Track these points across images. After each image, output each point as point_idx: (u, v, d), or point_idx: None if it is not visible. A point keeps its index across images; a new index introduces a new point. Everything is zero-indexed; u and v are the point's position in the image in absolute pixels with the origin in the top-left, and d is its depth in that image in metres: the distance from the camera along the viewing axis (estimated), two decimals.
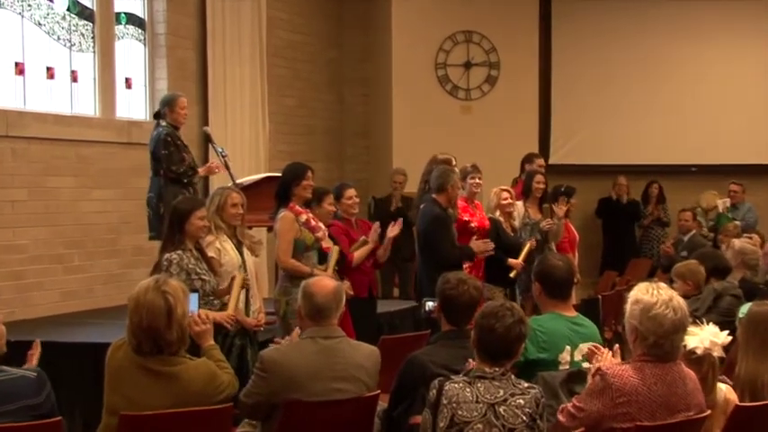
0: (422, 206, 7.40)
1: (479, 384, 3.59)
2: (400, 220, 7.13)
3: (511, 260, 7.58)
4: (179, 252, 5.39)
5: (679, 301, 3.57)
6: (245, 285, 5.63)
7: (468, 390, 3.57)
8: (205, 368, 3.80)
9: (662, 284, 3.62)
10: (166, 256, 5.38)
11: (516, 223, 8.03)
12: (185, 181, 7.20)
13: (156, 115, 7.43)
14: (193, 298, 4.10)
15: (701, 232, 10.66)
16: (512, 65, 12.32)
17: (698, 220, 11.00)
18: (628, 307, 3.59)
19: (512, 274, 7.54)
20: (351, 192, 7.03)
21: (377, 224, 7.01)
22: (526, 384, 3.67)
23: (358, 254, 6.84)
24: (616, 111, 12.61)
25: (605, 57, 12.59)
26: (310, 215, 6.31)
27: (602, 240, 12.50)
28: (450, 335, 4.25)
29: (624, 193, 12.37)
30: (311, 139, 11.64)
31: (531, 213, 8.27)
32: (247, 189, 6.82)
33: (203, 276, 5.46)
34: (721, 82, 12.60)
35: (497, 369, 3.62)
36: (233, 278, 5.58)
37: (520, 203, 8.23)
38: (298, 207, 6.23)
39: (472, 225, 7.46)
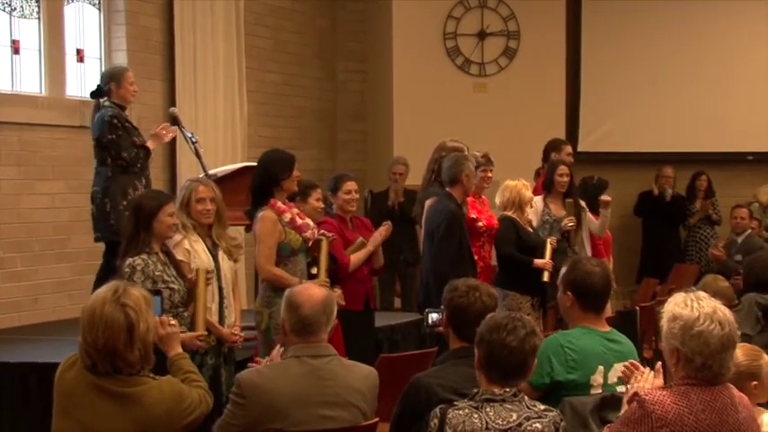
0: (428, 201, 7.40)
1: (488, 409, 3.59)
2: (389, 223, 7.11)
3: (537, 260, 7.59)
4: (143, 257, 5.40)
5: (724, 312, 3.54)
6: (209, 282, 5.63)
7: (475, 416, 3.57)
8: (169, 388, 3.80)
9: (701, 294, 3.59)
10: (129, 261, 5.38)
11: (532, 219, 8.03)
12: (138, 167, 7.17)
13: (97, 93, 7.33)
14: (156, 301, 4.11)
15: (758, 233, 10.67)
16: (534, 35, 12.32)
17: (755, 217, 11.00)
18: (664, 325, 3.56)
19: (545, 278, 7.54)
20: (351, 184, 7.02)
21: (388, 224, 7.01)
22: (542, 407, 3.68)
23: (355, 258, 6.84)
24: (656, 88, 12.61)
25: (644, 24, 12.60)
26: (295, 211, 6.29)
27: (640, 242, 12.50)
28: (461, 352, 4.25)
29: (670, 187, 12.35)
30: (297, 123, 11.64)
31: (552, 210, 8.28)
32: (222, 181, 6.82)
33: (171, 284, 5.46)
34: None
35: (508, 390, 3.62)
36: (195, 271, 5.57)
37: (537, 198, 8.23)
38: (280, 204, 6.19)
39: (480, 224, 7.47)
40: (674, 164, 12.41)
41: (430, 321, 4.77)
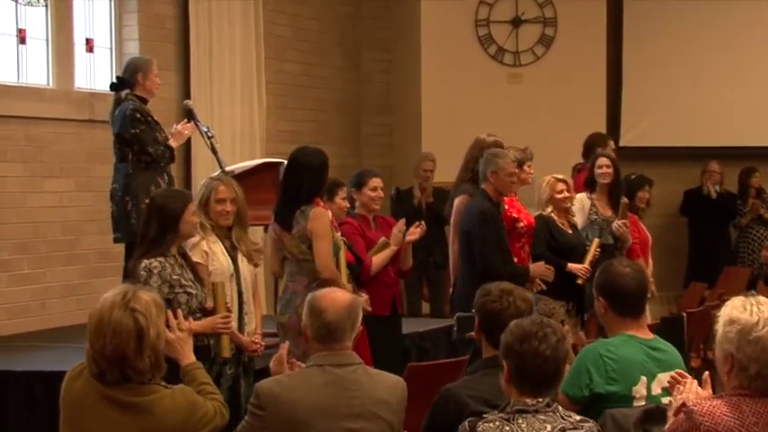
0: (457, 200, 7.40)
1: (520, 421, 3.59)
2: (422, 223, 7.11)
3: (571, 264, 7.56)
4: (160, 259, 5.42)
5: None
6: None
7: (506, 428, 3.57)
8: (183, 397, 3.82)
9: (762, 299, 3.59)
10: (145, 263, 5.40)
11: (577, 220, 7.99)
12: (163, 164, 7.22)
13: (119, 85, 7.38)
14: None
15: None
16: (572, 21, 12.28)
17: None
18: (720, 329, 3.56)
19: (579, 281, 7.53)
20: (376, 181, 7.06)
21: (402, 222, 7.01)
22: (578, 417, 3.68)
23: (377, 259, 6.84)
24: (704, 78, 12.55)
25: (692, 9, 12.53)
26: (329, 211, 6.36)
27: (687, 244, 12.44)
28: (493, 361, 4.24)
29: (717, 183, 12.29)
30: (318, 116, 11.65)
31: (599, 208, 8.23)
32: (239, 178, 6.83)
33: (189, 289, 5.49)
34: None
35: (541, 400, 3.62)
36: (215, 285, 5.59)
37: (581, 196, 8.18)
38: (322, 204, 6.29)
39: (521, 225, 7.45)
40: (720, 159, 12.34)
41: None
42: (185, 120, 7.50)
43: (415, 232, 7.03)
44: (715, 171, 12.30)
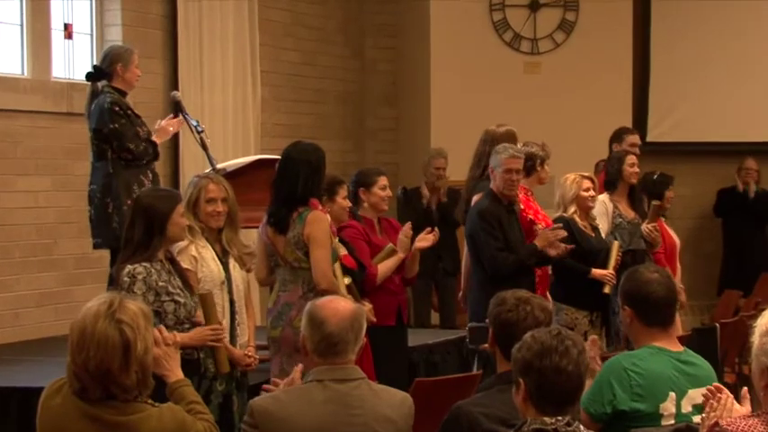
0: (476, 196, 7.42)
1: None
2: (435, 229, 7.14)
3: (596, 270, 7.57)
4: (145, 264, 5.43)
5: None
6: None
7: None
8: (171, 416, 3.82)
9: None
10: (128, 269, 5.41)
11: (600, 223, 8.00)
12: (145, 162, 7.23)
13: (95, 75, 7.40)
14: None
15: None
16: (595, 4, 12.30)
17: None
18: (756, 340, 3.57)
19: (606, 290, 7.53)
20: (384, 180, 7.11)
21: (408, 226, 7.02)
22: None
23: (383, 267, 6.86)
24: (741, 67, 12.55)
25: None
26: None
27: (721, 248, 12.45)
28: (510, 377, 4.25)
29: (753, 182, 12.29)
30: (318, 109, 11.67)
31: (621, 210, 8.24)
32: (232, 176, 6.85)
33: (177, 297, 5.50)
34: None
35: (561, 419, 3.63)
36: (204, 296, 5.60)
37: (603, 198, 8.18)
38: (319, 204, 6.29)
39: (538, 227, 7.47)
40: (757, 155, 12.35)
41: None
42: (171, 115, 7.50)
43: (428, 239, 7.03)
44: (752, 168, 12.31)
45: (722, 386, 3.95)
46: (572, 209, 7.73)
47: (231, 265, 5.96)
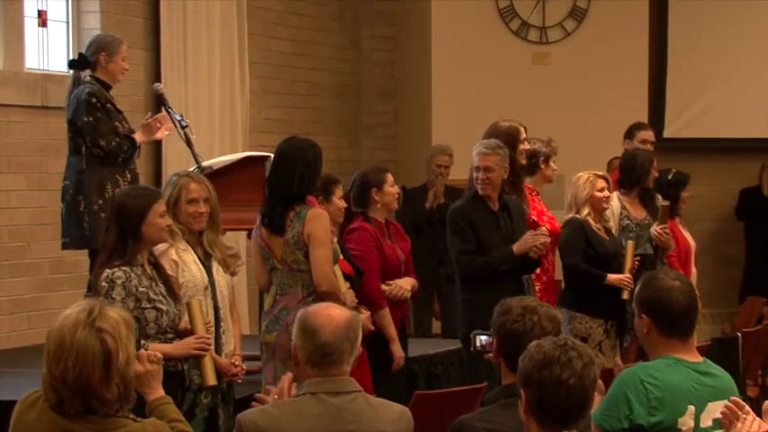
0: None
1: None
2: (413, 281, 7.30)
3: (612, 276, 7.57)
4: (125, 269, 5.44)
5: None
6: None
7: None
8: (154, 431, 3.84)
9: None
10: (107, 273, 5.42)
11: (612, 225, 8.00)
12: (120, 159, 7.23)
13: (79, 63, 7.41)
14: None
15: None
16: None
17: None
18: None
19: (624, 296, 7.52)
20: (391, 176, 7.19)
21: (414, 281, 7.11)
22: None
23: (390, 292, 6.98)
24: (761, 60, 12.56)
25: None
26: None
27: (743, 252, 12.46)
28: (514, 389, 4.26)
29: None
30: (312, 102, 11.68)
31: (630, 211, 8.23)
32: (219, 175, 6.86)
33: (159, 304, 5.50)
34: None
35: None
36: (189, 305, 5.61)
37: (614, 197, 8.17)
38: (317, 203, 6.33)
39: (543, 229, 7.47)
40: None
41: (478, 344, 4.77)
42: (162, 112, 7.48)
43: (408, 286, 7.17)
44: None
45: (741, 401, 3.97)
46: (585, 210, 7.70)
47: (214, 268, 5.96)
